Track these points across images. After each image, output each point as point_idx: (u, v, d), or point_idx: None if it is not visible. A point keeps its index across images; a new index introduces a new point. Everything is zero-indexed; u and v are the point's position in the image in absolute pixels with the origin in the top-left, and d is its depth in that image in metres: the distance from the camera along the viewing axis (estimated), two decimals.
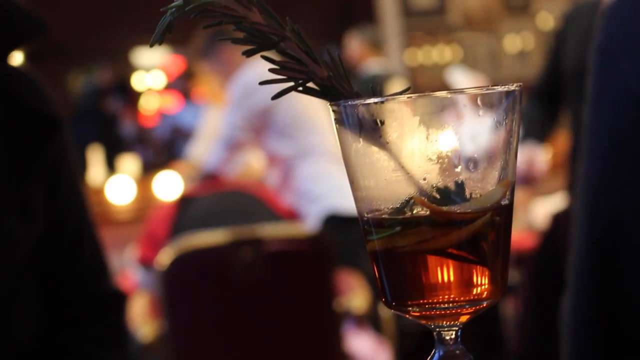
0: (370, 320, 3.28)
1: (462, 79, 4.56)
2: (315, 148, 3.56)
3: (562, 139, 4.15)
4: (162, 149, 8.83)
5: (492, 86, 0.60)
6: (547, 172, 3.65)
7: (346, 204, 3.44)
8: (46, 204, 1.38)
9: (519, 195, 3.57)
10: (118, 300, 1.53)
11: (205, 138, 3.94)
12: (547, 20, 8.23)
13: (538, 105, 3.57)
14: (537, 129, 3.53)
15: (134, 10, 9.17)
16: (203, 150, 3.82)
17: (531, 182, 3.53)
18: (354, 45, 5.62)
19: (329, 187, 3.51)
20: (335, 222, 3.41)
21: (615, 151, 1.03)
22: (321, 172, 3.54)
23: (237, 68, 3.59)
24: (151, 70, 10.39)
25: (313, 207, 3.50)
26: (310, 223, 3.42)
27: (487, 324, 3.75)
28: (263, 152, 3.69)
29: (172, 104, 9.80)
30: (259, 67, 3.35)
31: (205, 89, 4.33)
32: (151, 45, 0.66)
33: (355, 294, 3.14)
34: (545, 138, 3.58)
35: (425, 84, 7.39)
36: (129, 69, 10.37)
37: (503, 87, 0.61)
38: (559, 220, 2.96)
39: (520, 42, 8.11)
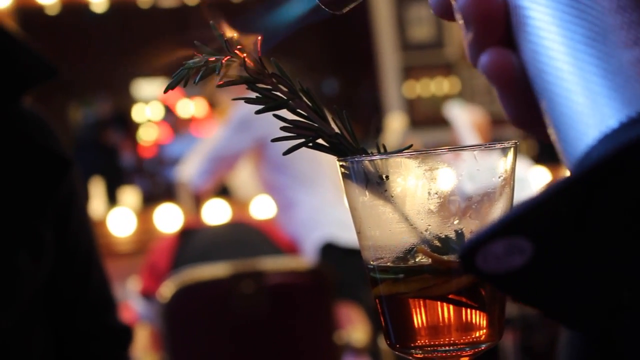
0: (370, 353, 3.29)
1: (460, 113, 4.61)
2: (314, 178, 3.59)
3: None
4: (159, 180, 8.85)
5: (489, 143, 0.64)
6: None
7: (344, 235, 3.45)
8: (56, 239, 1.41)
9: None
10: (126, 335, 1.55)
11: (194, 158, 3.97)
12: None
13: None
14: None
15: (133, 42, 9.23)
16: (190, 167, 3.87)
17: None
18: None
19: (326, 216, 3.52)
20: (333, 253, 3.42)
21: None
22: (319, 201, 3.56)
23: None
24: (150, 102, 10.44)
25: (311, 235, 3.51)
26: (308, 251, 3.44)
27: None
28: (260, 180, 3.72)
29: (166, 135, 9.84)
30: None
31: (221, 119, 4.38)
32: (165, 92, 0.71)
33: (355, 327, 3.16)
34: None
35: (423, 116, 7.43)
36: (129, 100, 10.41)
37: (500, 144, 0.65)
38: None
39: None
